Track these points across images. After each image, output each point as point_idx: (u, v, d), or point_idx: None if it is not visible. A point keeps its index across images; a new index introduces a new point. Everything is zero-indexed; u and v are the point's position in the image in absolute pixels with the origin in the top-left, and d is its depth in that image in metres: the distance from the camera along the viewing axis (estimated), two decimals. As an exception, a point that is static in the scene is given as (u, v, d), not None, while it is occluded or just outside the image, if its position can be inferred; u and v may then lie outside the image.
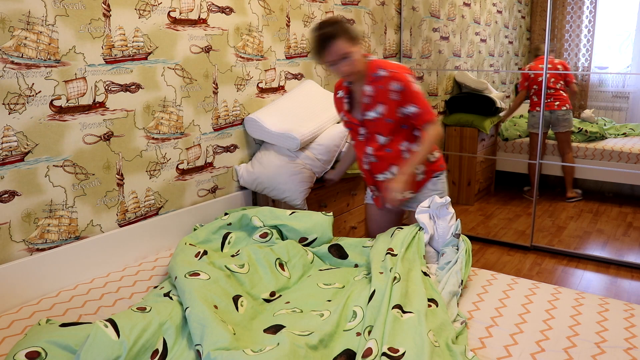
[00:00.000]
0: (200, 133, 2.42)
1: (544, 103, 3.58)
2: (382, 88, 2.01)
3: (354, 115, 2.15)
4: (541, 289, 1.75)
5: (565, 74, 4.40)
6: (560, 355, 1.38)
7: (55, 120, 1.85)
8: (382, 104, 2.03)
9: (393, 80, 1.99)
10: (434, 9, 4.20)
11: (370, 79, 2.04)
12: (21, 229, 1.80)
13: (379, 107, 2.04)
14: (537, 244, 3.62)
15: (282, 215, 2.11)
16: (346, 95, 2.17)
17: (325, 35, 1.93)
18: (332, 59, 1.96)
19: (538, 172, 3.61)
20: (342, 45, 1.93)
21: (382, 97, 2.02)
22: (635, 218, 4.18)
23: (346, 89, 2.18)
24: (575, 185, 4.67)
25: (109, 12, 1.98)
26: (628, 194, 4.71)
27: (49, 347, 1.33)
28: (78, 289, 1.84)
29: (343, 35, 1.93)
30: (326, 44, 1.93)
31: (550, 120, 4.41)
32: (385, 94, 2.01)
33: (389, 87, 2.00)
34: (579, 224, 4.06)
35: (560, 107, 4.36)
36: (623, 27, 4.93)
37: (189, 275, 1.67)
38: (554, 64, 4.34)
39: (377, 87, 2.02)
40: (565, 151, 4.46)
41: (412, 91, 2.00)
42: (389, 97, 2.01)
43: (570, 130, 4.41)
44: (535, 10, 5.66)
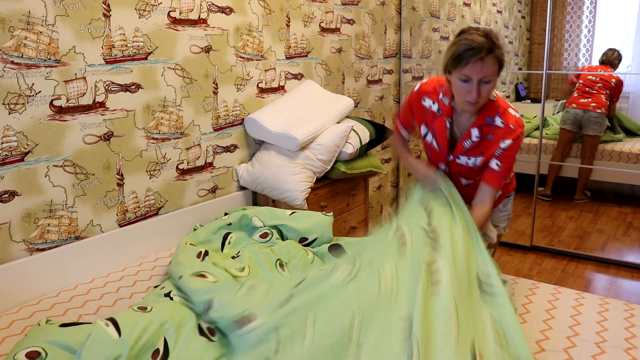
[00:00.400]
0: (200, 133, 2.42)
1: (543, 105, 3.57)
2: (492, 139, 1.74)
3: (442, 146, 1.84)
4: (541, 289, 1.75)
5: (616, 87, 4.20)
6: (560, 355, 1.38)
7: (55, 120, 1.85)
8: (483, 156, 1.78)
9: (507, 137, 1.72)
10: (434, 9, 4.20)
11: (482, 122, 1.75)
12: (21, 229, 1.80)
13: (479, 158, 1.79)
14: (537, 244, 3.62)
15: (282, 215, 2.12)
16: (449, 119, 1.80)
17: (480, 44, 1.57)
18: (471, 75, 1.60)
19: (538, 172, 3.61)
20: (494, 67, 1.60)
21: (486, 148, 1.76)
22: (635, 218, 4.18)
23: (448, 110, 1.79)
24: (574, 184, 4.67)
25: (109, 12, 1.98)
26: (628, 194, 4.71)
27: (49, 347, 1.33)
28: (78, 289, 1.84)
29: (498, 55, 1.60)
30: (475, 55, 1.57)
31: (581, 120, 4.34)
32: (491, 147, 1.75)
33: (499, 142, 1.73)
34: (579, 224, 4.06)
35: (595, 109, 4.23)
36: (623, 27, 4.93)
37: (195, 275, 1.68)
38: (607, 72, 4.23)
39: (485, 137, 1.75)
40: (588, 155, 4.37)
41: (512, 155, 1.74)
42: (493, 152, 1.75)
43: (599, 135, 4.32)
44: (535, 10, 5.66)
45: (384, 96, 3.85)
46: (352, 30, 3.39)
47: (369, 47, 3.60)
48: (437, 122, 1.83)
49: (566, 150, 4.49)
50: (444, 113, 1.80)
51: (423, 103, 1.86)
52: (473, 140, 1.77)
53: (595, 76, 4.28)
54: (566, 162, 4.52)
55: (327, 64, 3.21)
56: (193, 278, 1.66)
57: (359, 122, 2.87)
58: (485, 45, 1.57)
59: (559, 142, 4.46)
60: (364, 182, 3.02)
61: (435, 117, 1.83)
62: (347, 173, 2.72)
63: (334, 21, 3.21)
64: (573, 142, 4.47)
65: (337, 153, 2.64)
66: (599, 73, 4.24)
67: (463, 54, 1.59)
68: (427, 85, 1.86)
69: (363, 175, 2.93)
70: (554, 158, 4.47)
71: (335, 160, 2.67)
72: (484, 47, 1.57)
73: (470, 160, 1.81)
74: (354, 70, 3.47)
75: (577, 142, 4.45)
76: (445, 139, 1.83)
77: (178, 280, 1.69)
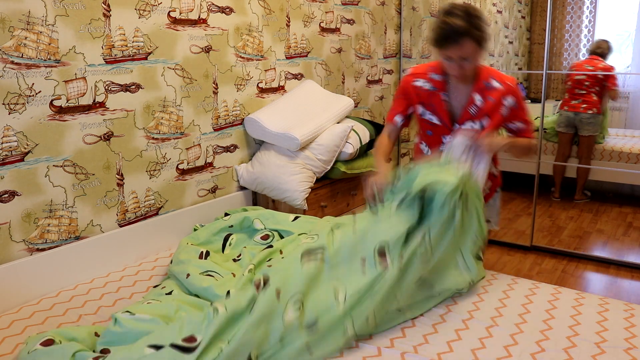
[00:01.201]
0: (200, 133, 2.42)
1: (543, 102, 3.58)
2: (493, 101, 1.84)
3: (444, 118, 1.91)
4: (541, 289, 1.75)
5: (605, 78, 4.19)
6: (560, 355, 1.38)
7: (55, 120, 1.85)
8: (489, 118, 1.86)
9: (508, 94, 1.84)
10: (434, 9, 4.20)
11: (481, 87, 1.84)
12: (21, 229, 1.80)
13: (485, 120, 1.86)
14: (537, 244, 3.62)
15: (284, 221, 2.11)
16: (442, 92, 1.89)
17: (455, 28, 1.65)
18: (450, 56, 1.72)
19: (538, 172, 3.61)
20: (471, 47, 1.68)
21: (491, 110, 1.85)
22: (635, 218, 4.18)
23: (441, 84, 1.89)
24: (573, 184, 4.67)
25: (109, 12, 1.98)
26: (628, 194, 4.71)
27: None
28: (78, 289, 1.84)
29: (475, 35, 1.67)
30: (452, 39, 1.67)
31: (574, 121, 4.35)
32: (496, 108, 1.84)
33: (502, 101, 1.84)
34: (579, 224, 4.06)
35: (586, 110, 4.26)
36: (623, 27, 4.93)
37: (204, 274, 1.71)
38: (595, 66, 4.21)
39: (487, 99, 1.84)
40: (584, 155, 4.39)
41: (523, 107, 1.88)
42: (499, 112, 1.85)
43: (595, 135, 4.33)
44: (535, 10, 5.66)
45: (384, 96, 3.85)
46: (352, 30, 3.39)
47: (369, 47, 3.60)
48: (433, 98, 1.92)
49: (567, 151, 4.50)
50: (438, 89, 1.90)
51: (415, 84, 1.94)
52: (477, 105, 1.86)
53: (583, 74, 4.28)
54: (567, 162, 4.52)
55: (327, 64, 3.21)
56: (203, 277, 1.69)
57: (359, 122, 2.87)
58: (460, 29, 1.66)
59: (558, 144, 4.48)
60: (364, 182, 3.02)
61: (430, 95, 1.92)
62: (347, 173, 2.73)
63: (334, 21, 3.21)
64: (572, 143, 4.48)
65: (337, 153, 2.64)
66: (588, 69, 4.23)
67: (441, 39, 1.70)
68: (417, 69, 1.97)
69: (363, 175, 2.94)
70: (557, 160, 4.47)
71: (335, 160, 2.67)
72: (459, 31, 1.66)
73: (476, 124, 1.88)
74: (354, 70, 3.47)
75: (576, 144, 4.46)
76: (445, 111, 1.90)
77: (186, 279, 1.70)
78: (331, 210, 2.76)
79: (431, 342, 1.45)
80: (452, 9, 1.70)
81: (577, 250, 3.52)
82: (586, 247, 3.61)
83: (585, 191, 4.62)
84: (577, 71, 4.30)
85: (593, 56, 4.26)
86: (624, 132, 4.68)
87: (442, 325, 1.54)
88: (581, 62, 4.30)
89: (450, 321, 1.56)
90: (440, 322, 1.55)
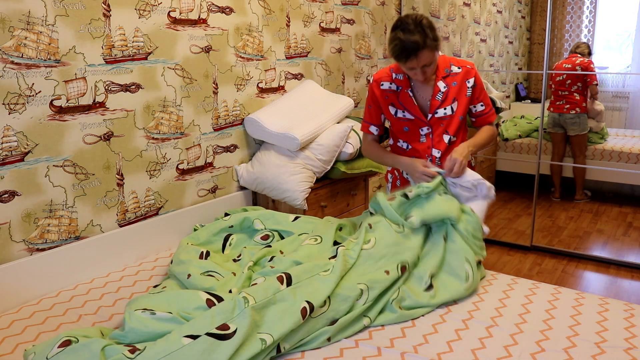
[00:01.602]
0: (200, 133, 2.42)
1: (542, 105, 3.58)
2: (456, 85, 1.98)
3: (415, 112, 2.01)
4: (541, 289, 1.75)
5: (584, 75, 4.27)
6: (560, 355, 1.38)
7: (55, 120, 1.85)
8: (457, 101, 1.99)
9: (469, 76, 1.99)
10: (434, 9, 4.20)
11: (443, 75, 1.98)
12: (21, 229, 1.80)
13: (454, 104, 1.99)
14: (537, 244, 3.62)
15: (285, 221, 2.11)
16: (409, 90, 2.01)
17: (412, 45, 1.77)
18: (412, 67, 1.84)
19: (538, 172, 3.61)
20: (430, 55, 1.81)
21: (456, 93, 1.98)
22: (635, 218, 4.18)
23: (404, 82, 2.01)
24: (573, 185, 4.67)
25: (109, 12, 1.98)
26: (628, 194, 4.71)
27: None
28: (78, 289, 1.84)
29: (431, 45, 1.79)
30: (411, 54, 1.79)
31: (560, 122, 4.39)
32: (460, 90, 1.98)
33: (465, 83, 1.98)
34: (579, 224, 4.06)
35: (569, 110, 4.30)
36: (623, 27, 4.93)
37: (205, 275, 1.72)
38: (573, 63, 4.23)
39: (450, 84, 1.98)
40: (577, 154, 4.42)
41: (482, 88, 2.01)
42: (464, 94, 1.99)
43: (584, 133, 4.36)
44: (535, 10, 5.66)
45: (384, 96, 3.85)
46: (352, 30, 3.39)
47: (369, 47, 3.60)
48: (401, 96, 2.03)
49: (561, 151, 4.53)
50: (403, 87, 2.02)
51: (382, 88, 2.06)
52: (442, 91, 1.98)
53: (562, 75, 4.30)
54: (565, 162, 4.53)
55: (327, 64, 3.21)
56: (204, 277, 1.70)
57: (359, 122, 2.87)
58: (417, 45, 1.77)
59: (552, 144, 4.51)
60: (364, 182, 3.02)
61: (397, 94, 2.04)
62: (347, 173, 2.72)
63: (334, 21, 3.21)
64: (566, 142, 4.50)
65: (337, 153, 2.64)
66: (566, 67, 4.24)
67: (399, 56, 1.82)
68: (380, 73, 2.09)
69: (363, 175, 2.94)
70: (553, 159, 4.48)
71: (335, 160, 2.67)
72: (416, 46, 1.77)
73: (447, 110, 1.99)
74: (354, 70, 3.47)
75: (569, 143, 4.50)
76: (414, 106, 2.01)
77: (187, 279, 1.71)
78: (331, 210, 2.76)
79: (431, 342, 1.45)
80: (404, 24, 1.80)
81: (577, 250, 3.52)
82: (586, 247, 3.61)
83: (586, 191, 4.62)
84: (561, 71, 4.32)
85: (572, 54, 4.28)
86: (624, 132, 4.68)
87: (442, 325, 1.54)
88: (560, 63, 4.33)
89: (450, 321, 1.56)
90: (440, 322, 1.55)
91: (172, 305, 1.44)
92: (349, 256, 1.67)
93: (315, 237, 1.87)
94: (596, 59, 5.23)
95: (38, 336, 1.53)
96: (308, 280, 1.53)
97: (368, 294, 1.57)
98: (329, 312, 1.49)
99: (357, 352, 1.41)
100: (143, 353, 1.26)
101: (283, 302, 1.44)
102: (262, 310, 1.40)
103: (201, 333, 1.30)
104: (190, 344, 1.27)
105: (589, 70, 4.29)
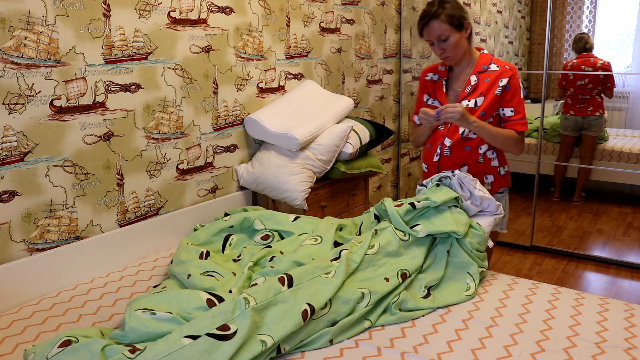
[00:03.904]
0: (200, 133, 2.42)
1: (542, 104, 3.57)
2: (489, 81, 1.98)
3: (441, 100, 2.09)
4: (541, 289, 1.75)
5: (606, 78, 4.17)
6: (560, 355, 1.38)
7: (55, 120, 1.85)
8: (483, 96, 1.98)
9: (504, 76, 1.98)
10: (434, 9, 4.19)
11: (479, 70, 2.01)
12: (21, 229, 1.80)
13: (479, 98, 1.99)
14: (537, 244, 3.62)
15: (284, 221, 2.10)
16: (444, 79, 2.11)
17: (426, 13, 1.90)
18: (428, 39, 1.95)
19: (538, 172, 3.61)
20: (441, 27, 1.89)
21: (486, 89, 1.98)
22: (635, 218, 4.18)
23: (444, 73, 2.12)
24: (572, 185, 4.67)
25: (109, 12, 1.98)
26: (628, 194, 4.71)
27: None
28: (78, 289, 1.84)
29: (445, 16, 1.88)
30: (424, 23, 1.91)
31: (582, 124, 4.36)
32: (491, 87, 1.98)
33: (497, 81, 1.97)
34: (579, 224, 4.06)
35: (594, 112, 4.26)
36: (623, 27, 4.93)
37: (205, 275, 1.72)
38: (594, 65, 4.13)
39: (483, 79, 1.99)
40: (587, 155, 4.40)
41: (516, 93, 1.99)
42: (493, 91, 1.98)
43: (599, 135, 4.35)
44: (535, 10, 5.66)
45: (384, 96, 3.85)
46: (352, 30, 3.39)
47: (369, 47, 3.60)
48: (436, 85, 2.14)
49: (569, 153, 4.52)
50: (441, 77, 2.13)
51: (426, 78, 2.18)
52: (472, 84, 2.02)
53: (583, 78, 4.27)
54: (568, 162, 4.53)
55: (327, 64, 3.21)
56: (204, 277, 1.70)
57: (359, 122, 2.87)
58: (429, 13, 1.91)
59: (561, 145, 4.48)
60: (364, 182, 3.02)
61: (435, 84, 2.15)
62: (347, 173, 2.72)
63: (334, 21, 3.21)
64: (575, 144, 4.49)
65: (337, 153, 2.64)
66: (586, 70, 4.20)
67: (418, 27, 1.97)
68: (430, 66, 2.22)
69: (363, 175, 2.94)
70: (558, 160, 4.47)
71: (335, 160, 2.67)
72: (427, 15, 1.91)
73: (471, 102, 2.01)
74: (354, 70, 3.47)
75: (576, 145, 4.47)
76: (442, 94, 2.09)
77: (187, 279, 1.71)
78: (331, 210, 2.76)
79: (431, 342, 1.45)
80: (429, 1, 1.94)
81: (577, 250, 3.52)
82: (586, 247, 3.60)
83: (581, 193, 4.62)
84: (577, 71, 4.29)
85: (584, 54, 4.22)
86: (624, 132, 4.68)
87: (442, 325, 1.54)
88: (577, 64, 4.24)
89: (450, 321, 1.56)
90: (440, 322, 1.55)
91: (172, 305, 1.44)
92: (352, 260, 1.67)
93: (316, 237, 1.87)
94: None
95: (38, 336, 1.53)
96: (309, 282, 1.53)
97: (370, 297, 1.56)
98: (329, 314, 1.49)
99: (357, 352, 1.41)
100: (143, 353, 1.25)
101: (284, 303, 1.43)
102: (262, 311, 1.39)
103: (201, 333, 1.29)
104: (190, 344, 1.27)
105: (609, 71, 4.16)
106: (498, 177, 2.11)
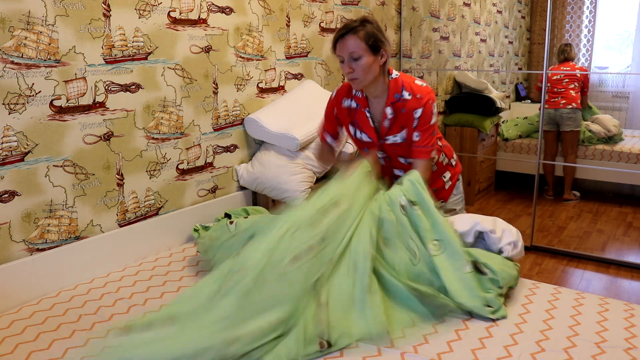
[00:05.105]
0: (200, 133, 2.42)
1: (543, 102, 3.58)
2: (405, 112, 1.87)
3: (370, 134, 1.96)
4: (541, 289, 1.75)
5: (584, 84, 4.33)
6: (560, 355, 1.38)
7: (55, 120, 1.85)
8: (405, 128, 1.90)
9: (417, 107, 1.86)
10: (434, 9, 4.20)
11: (392, 100, 1.88)
12: (21, 229, 1.80)
13: (403, 132, 1.90)
14: (537, 244, 3.62)
15: None
16: (367, 109, 1.94)
17: (344, 26, 1.80)
18: (340, 54, 1.81)
19: (538, 172, 3.61)
20: (356, 43, 1.76)
21: (404, 122, 1.89)
22: (635, 218, 4.18)
23: (363, 101, 1.94)
24: (575, 185, 4.67)
25: (109, 12, 1.98)
26: (628, 194, 4.71)
27: None
28: (78, 289, 1.84)
29: (363, 34, 1.76)
30: (340, 35, 1.79)
31: (555, 118, 4.39)
32: (407, 119, 1.88)
33: (411, 114, 1.87)
34: (579, 224, 4.06)
35: (566, 105, 4.31)
36: (623, 27, 4.93)
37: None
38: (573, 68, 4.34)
39: (399, 111, 1.88)
40: (568, 152, 4.43)
41: (427, 121, 1.87)
42: (411, 125, 1.88)
43: (577, 130, 4.37)
44: (535, 10, 5.66)
45: (384, 96, 3.85)
46: (352, 30, 3.39)
47: (369, 47, 3.60)
48: (358, 115, 1.97)
49: (554, 149, 4.54)
50: (361, 105, 1.95)
51: (343, 105, 2.01)
52: (389, 118, 1.90)
53: (559, 74, 4.33)
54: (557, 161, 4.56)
55: (327, 64, 3.21)
56: None
57: (359, 122, 2.87)
58: (348, 27, 1.78)
59: (545, 142, 4.50)
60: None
61: (356, 112, 1.98)
62: (347, 173, 2.72)
63: (334, 21, 3.21)
64: (558, 140, 4.51)
65: (337, 153, 2.64)
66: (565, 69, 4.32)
67: (333, 39, 1.83)
68: (342, 88, 2.02)
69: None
70: (545, 158, 4.48)
71: (335, 160, 2.67)
72: (345, 28, 1.79)
73: (397, 137, 1.92)
74: (354, 70, 3.47)
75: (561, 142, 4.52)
76: (370, 127, 1.95)
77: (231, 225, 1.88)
78: (331, 210, 2.75)
79: (431, 342, 1.45)
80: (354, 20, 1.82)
81: (577, 250, 3.52)
82: (586, 247, 3.60)
83: (574, 192, 4.62)
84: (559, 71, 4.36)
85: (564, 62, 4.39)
86: (624, 132, 4.68)
87: (442, 325, 1.54)
88: (557, 66, 4.41)
89: (450, 321, 1.56)
90: (440, 322, 1.55)
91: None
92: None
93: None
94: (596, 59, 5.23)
95: (38, 336, 1.53)
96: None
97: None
98: None
99: (357, 352, 1.41)
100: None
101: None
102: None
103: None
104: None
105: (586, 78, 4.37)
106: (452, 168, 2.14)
